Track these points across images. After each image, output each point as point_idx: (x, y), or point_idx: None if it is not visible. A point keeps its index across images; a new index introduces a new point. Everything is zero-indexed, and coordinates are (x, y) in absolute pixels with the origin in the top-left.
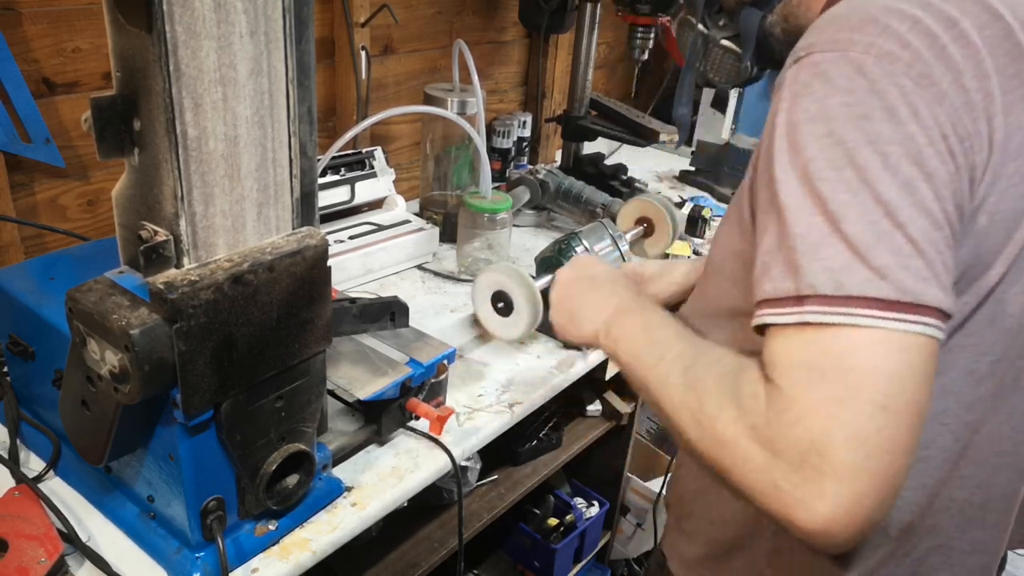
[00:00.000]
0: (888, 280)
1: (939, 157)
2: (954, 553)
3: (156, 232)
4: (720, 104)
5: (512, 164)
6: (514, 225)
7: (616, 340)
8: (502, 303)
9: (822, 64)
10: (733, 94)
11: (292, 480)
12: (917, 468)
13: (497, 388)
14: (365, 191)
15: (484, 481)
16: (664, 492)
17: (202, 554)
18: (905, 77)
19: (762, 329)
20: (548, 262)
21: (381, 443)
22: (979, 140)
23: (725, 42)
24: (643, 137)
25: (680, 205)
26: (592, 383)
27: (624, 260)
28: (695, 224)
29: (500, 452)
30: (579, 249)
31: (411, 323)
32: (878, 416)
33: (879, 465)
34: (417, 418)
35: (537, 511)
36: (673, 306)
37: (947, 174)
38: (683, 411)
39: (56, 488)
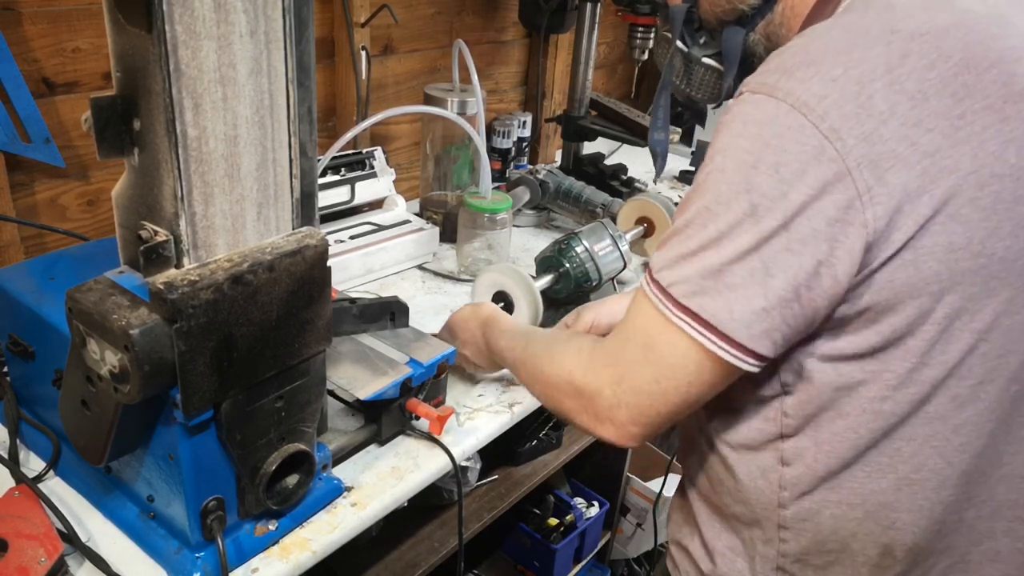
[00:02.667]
0: (697, 297)
1: (809, 215)
2: (971, 566)
3: (156, 232)
4: (676, 120)
5: (512, 164)
6: (514, 225)
7: (498, 360)
8: (502, 303)
9: (747, 104)
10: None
11: (292, 480)
12: (911, 492)
13: (497, 388)
14: (365, 191)
15: (484, 481)
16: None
17: (202, 554)
18: (812, 131)
19: None
20: (548, 262)
21: (381, 443)
22: (885, 189)
23: (707, 60)
24: (643, 137)
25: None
26: None
27: (624, 260)
28: None
29: (500, 452)
30: (579, 249)
31: (411, 323)
32: (653, 385)
33: (643, 411)
34: (417, 418)
35: (537, 511)
36: None
37: (811, 230)
38: (527, 380)
39: (56, 488)
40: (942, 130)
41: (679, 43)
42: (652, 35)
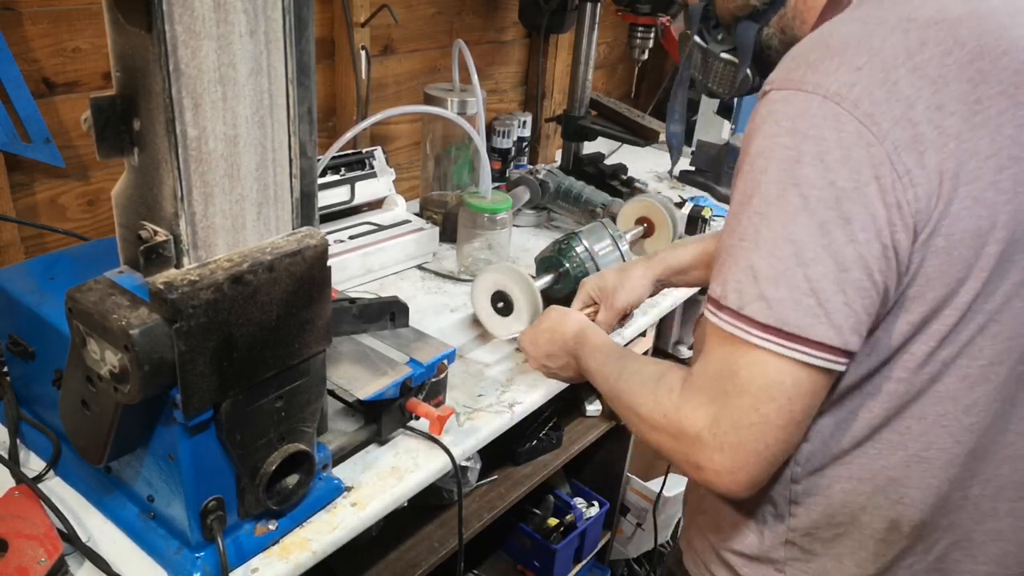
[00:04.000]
0: (774, 311)
1: (863, 200)
2: (974, 545)
3: (156, 232)
4: (725, 112)
5: (512, 164)
6: (514, 225)
7: (585, 374)
8: (502, 303)
9: (776, 103)
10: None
11: (292, 480)
12: (920, 469)
13: (497, 388)
14: (365, 191)
15: (484, 481)
16: (684, 491)
17: (202, 554)
18: (848, 118)
19: None
20: (548, 262)
21: (381, 443)
22: (923, 172)
23: (724, 55)
24: (643, 137)
25: (680, 205)
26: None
27: (624, 260)
28: (695, 224)
29: (500, 452)
30: (579, 249)
31: (411, 323)
32: (752, 415)
33: (750, 448)
34: (417, 418)
35: (537, 511)
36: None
37: (869, 216)
38: (622, 411)
39: (56, 488)
40: (962, 114)
41: (697, 38)
42: (652, 35)
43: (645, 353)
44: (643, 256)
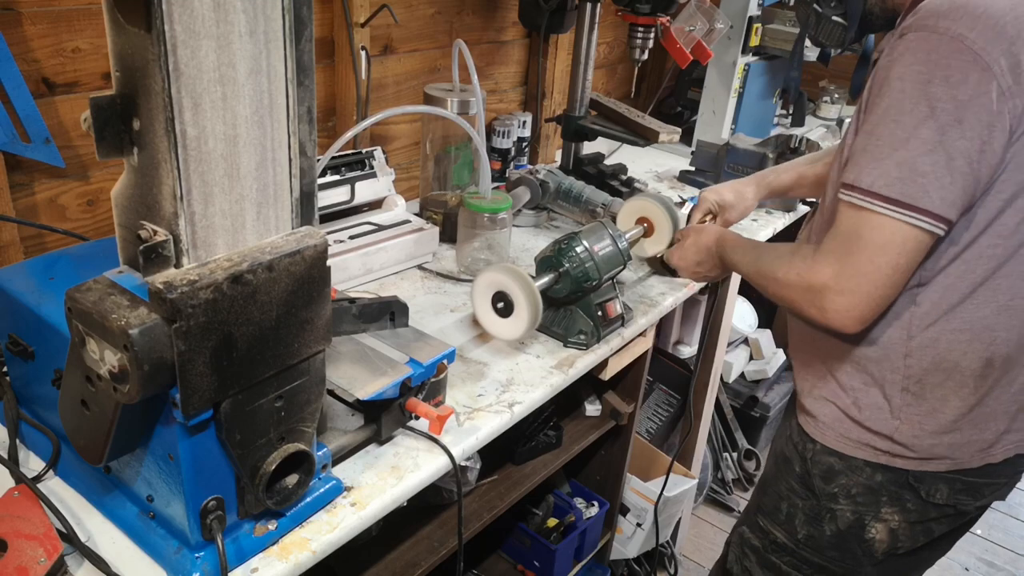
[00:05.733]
0: (897, 187)
1: (974, 109)
2: None
3: (155, 232)
4: (824, 59)
5: (512, 164)
6: (514, 225)
7: (729, 268)
8: (502, 303)
9: (913, 41)
10: (733, 97)
11: (292, 480)
12: (1008, 315)
13: (497, 388)
14: (365, 191)
15: (484, 481)
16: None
17: (202, 554)
18: (967, 52)
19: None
20: (548, 262)
21: (381, 443)
22: (1019, 88)
23: (836, 18)
24: (643, 137)
25: (680, 205)
26: (592, 383)
27: (624, 260)
28: None
29: (500, 452)
30: (579, 249)
31: (411, 323)
32: (868, 265)
33: (863, 291)
34: (417, 418)
35: (537, 511)
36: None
37: (977, 120)
38: (761, 281)
39: (56, 488)
40: None
41: (815, 6)
42: (652, 35)
43: (644, 353)
44: (751, 177)
